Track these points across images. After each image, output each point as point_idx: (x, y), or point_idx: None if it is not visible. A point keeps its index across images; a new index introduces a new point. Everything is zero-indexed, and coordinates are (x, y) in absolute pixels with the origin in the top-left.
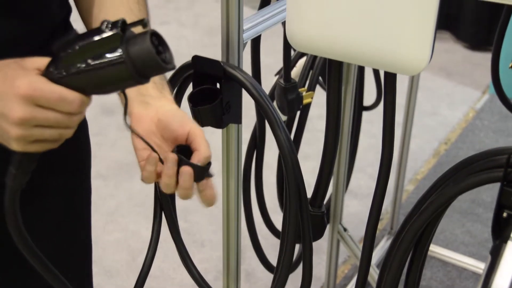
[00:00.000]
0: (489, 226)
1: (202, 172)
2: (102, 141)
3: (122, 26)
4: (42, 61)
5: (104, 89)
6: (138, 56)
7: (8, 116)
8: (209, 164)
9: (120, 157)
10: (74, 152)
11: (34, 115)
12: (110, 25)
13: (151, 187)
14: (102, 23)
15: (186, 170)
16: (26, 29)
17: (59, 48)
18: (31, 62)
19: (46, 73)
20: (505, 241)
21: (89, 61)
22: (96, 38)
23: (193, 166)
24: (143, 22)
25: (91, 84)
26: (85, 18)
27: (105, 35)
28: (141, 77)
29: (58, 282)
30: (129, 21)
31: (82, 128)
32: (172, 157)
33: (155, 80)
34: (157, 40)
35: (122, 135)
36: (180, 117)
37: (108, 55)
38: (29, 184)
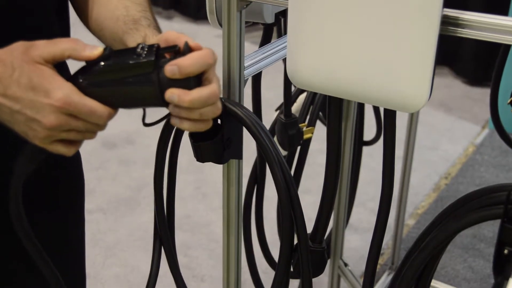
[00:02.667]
0: (491, 261)
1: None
2: (102, 175)
3: (156, 51)
4: (48, 51)
5: (130, 105)
6: (166, 83)
7: (42, 122)
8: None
9: (121, 191)
10: (66, 185)
11: (66, 123)
12: (146, 49)
13: (151, 222)
14: (138, 45)
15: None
16: None
17: (92, 62)
18: (38, 53)
19: (76, 82)
20: (506, 278)
21: (122, 79)
22: (131, 60)
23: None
24: (175, 49)
25: (119, 99)
26: (82, 17)
27: (140, 59)
28: (166, 100)
29: (53, 275)
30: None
31: (75, 162)
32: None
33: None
34: None
35: (123, 169)
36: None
37: (140, 77)
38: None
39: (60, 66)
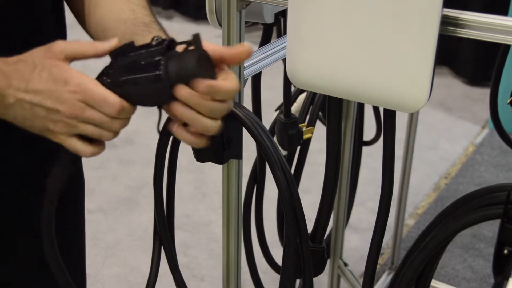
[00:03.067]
0: (490, 261)
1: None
2: (102, 175)
3: (169, 43)
4: (67, 48)
5: (143, 102)
6: (176, 75)
7: (60, 110)
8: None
9: (121, 191)
10: (67, 185)
11: (83, 112)
12: (159, 41)
13: (151, 222)
14: (153, 38)
15: None
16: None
17: (114, 54)
18: (60, 48)
19: (99, 77)
20: (506, 278)
21: (132, 73)
22: (143, 51)
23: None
24: (188, 42)
25: (132, 94)
26: (80, 18)
27: (151, 48)
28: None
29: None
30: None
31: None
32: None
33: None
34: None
35: (123, 169)
36: None
37: (149, 70)
38: (19, 220)
39: None
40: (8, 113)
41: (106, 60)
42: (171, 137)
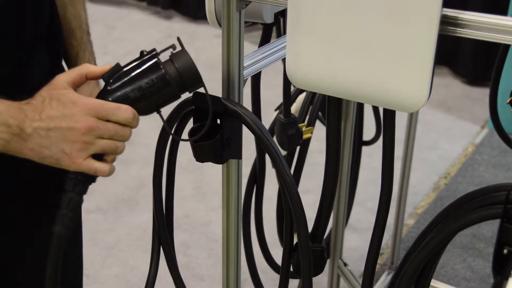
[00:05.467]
0: (490, 261)
1: None
2: None
3: (157, 53)
4: (67, 77)
5: (152, 107)
6: (179, 73)
7: (76, 127)
8: None
9: (120, 191)
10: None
11: (98, 125)
12: (147, 55)
13: (150, 222)
14: (141, 53)
15: None
16: (13, 75)
17: (108, 78)
18: (60, 81)
19: (101, 98)
20: (506, 278)
21: (139, 88)
22: (140, 69)
23: None
24: (169, 47)
25: (143, 101)
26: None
27: (146, 65)
28: (182, 91)
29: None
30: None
31: None
32: None
33: None
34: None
35: (122, 169)
36: None
37: (154, 81)
38: (19, 224)
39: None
40: (26, 145)
41: None
42: (171, 137)
